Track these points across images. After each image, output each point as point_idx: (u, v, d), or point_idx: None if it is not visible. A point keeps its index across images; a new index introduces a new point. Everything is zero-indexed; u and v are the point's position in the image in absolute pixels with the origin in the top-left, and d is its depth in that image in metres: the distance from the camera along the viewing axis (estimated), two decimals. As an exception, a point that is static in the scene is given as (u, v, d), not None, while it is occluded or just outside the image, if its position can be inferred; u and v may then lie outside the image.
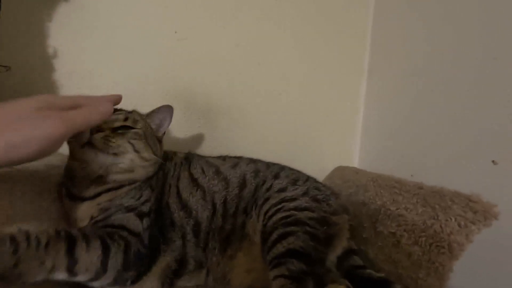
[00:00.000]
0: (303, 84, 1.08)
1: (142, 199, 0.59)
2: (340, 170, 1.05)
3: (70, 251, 0.42)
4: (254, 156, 0.88)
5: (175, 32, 0.91)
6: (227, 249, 0.60)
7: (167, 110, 0.72)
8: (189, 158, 0.75)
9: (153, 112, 0.72)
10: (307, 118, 1.10)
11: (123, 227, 0.52)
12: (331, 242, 0.63)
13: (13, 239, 0.39)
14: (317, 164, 1.08)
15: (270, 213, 0.61)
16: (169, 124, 0.73)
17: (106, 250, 0.45)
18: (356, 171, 1.00)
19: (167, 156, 0.74)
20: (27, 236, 0.40)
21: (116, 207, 0.56)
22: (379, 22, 1.12)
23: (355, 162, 1.18)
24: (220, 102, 0.99)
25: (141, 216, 0.56)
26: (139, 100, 0.90)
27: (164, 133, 0.73)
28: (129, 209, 0.56)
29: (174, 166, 0.72)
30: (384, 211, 0.74)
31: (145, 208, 0.57)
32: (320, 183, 0.81)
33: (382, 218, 0.74)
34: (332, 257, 0.65)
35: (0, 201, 0.46)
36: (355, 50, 1.12)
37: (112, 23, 0.87)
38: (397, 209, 0.72)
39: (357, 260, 0.67)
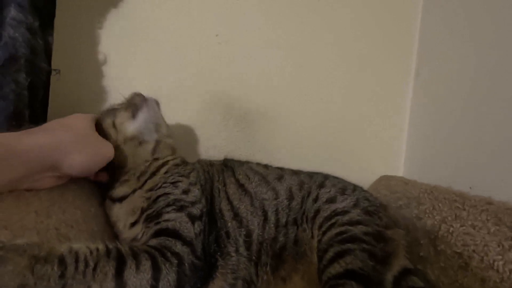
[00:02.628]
0: (346, 89, 1.03)
1: (191, 197, 0.57)
2: (386, 180, 0.98)
3: (119, 274, 0.40)
4: (294, 162, 0.86)
5: (216, 35, 0.90)
6: (279, 268, 0.56)
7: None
8: (229, 164, 0.74)
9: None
10: (349, 124, 1.04)
11: (175, 233, 0.50)
12: (389, 260, 0.58)
13: (61, 261, 0.38)
14: (359, 172, 1.02)
15: (324, 228, 0.58)
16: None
17: (156, 272, 0.43)
18: (405, 181, 0.92)
19: (205, 163, 0.73)
20: (76, 258, 0.39)
21: (163, 199, 0.55)
22: (428, 22, 1.04)
23: (399, 171, 1.09)
24: (260, 106, 0.96)
25: (192, 219, 0.54)
26: (179, 104, 0.90)
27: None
28: (178, 207, 0.54)
29: (216, 171, 0.70)
30: (446, 228, 0.67)
31: (196, 211, 0.55)
32: (368, 192, 0.76)
33: (443, 235, 0.67)
34: (389, 276, 0.59)
35: (52, 206, 0.45)
36: (402, 52, 1.05)
37: (156, 29, 0.87)
38: (461, 226, 0.65)
39: (416, 282, 0.61)
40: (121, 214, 0.57)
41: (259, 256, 0.57)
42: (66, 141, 0.48)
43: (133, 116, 0.62)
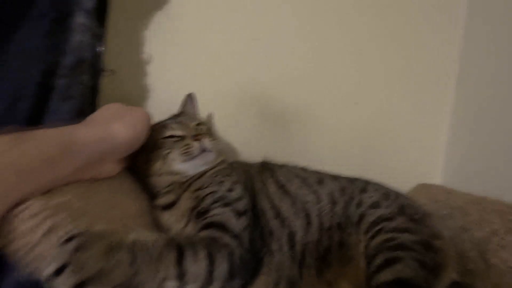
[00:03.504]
0: (382, 92, 1.01)
1: (234, 194, 0.59)
2: (426, 188, 0.95)
3: (180, 262, 0.43)
4: (330, 165, 0.85)
5: (253, 39, 0.92)
6: (324, 271, 0.56)
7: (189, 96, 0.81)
8: (268, 166, 0.75)
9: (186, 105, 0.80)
10: (384, 129, 1.02)
11: (223, 226, 0.52)
12: (439, 271, 0.56)
13: (132, 249, 0.40)
14: (396, 179, 0.99)
15: (371, 233, 0.57)
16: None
17: (211, 261, 0.45)
18: (447, 190, 0.89)
19: (243, 164, 0.75)
20: (143, 247, 0.41)
21: (211, 196, 0.58)
22: (472, 26, 1.01)
23: (437, 179, 1.05)
24: (296, 108, 0.96)
25: (237, 213, 0.55)
26: (217, 106, 0.92)
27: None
28: (224, 203, 0.56)
29: (255, 172, 0.71)
30: (497, 241, 0.64)
31: (240, 206, 0.57)
32: (411, 199, 0.74)
33: (495, 248, 0.64)
34: (438, 288, 0.57)
35: (114, 197, 0.48)
36: (444, 56, 1.02)
37: (195, 31, 0.91)
38: (516, 239, 0.61)
39: (467, 297, 0.58)
40: (172, 221, 0.59)
41: (303, 257, 0.57)
42: (111, 125, 0.51)
43: (186, 161, 0.63)
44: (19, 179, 0.37)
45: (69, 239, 0.37)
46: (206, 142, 0.64)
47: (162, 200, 0.62)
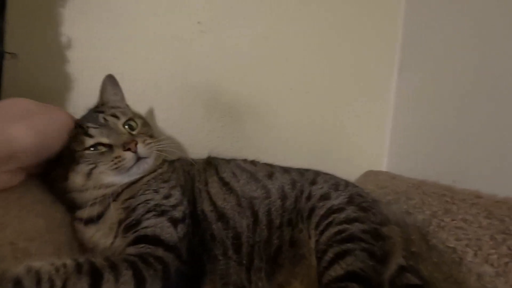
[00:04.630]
0: (331, 82, 1.01)
1: (172, 200, 0.53)
2: (373, 175, 0.98)
3: None
4: (280, 157, 0.83)
5: (198, 23, 0.83)
6: (276, 273, 0.53)
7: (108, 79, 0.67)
8: (212, 162, 0.69)
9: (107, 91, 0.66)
10: (333, 118, 1.03)
11: (157, 239, 0.46)
12: (387, 259, 0.56)
13: (18, 283, 0.31)
14: (344, 167, 1.00)
15: (321, 227, 0.55)
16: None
17: (139, 283, 0.38)
18: (392, 176, 0.92)
19: (186, 162, 0.67)
20: (38, 279, 0.32)
21: (143, 206, 0.50)
22: (411, 15, 1.05)
23: (383, 165, 1.10)
24: (245, 100, 0.91)
25: (174, 222, 0.49)
26: (157, 96, 0.82)
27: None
28: (159, 212, 0.50)
29: (197, 171, 0.65)
30: (437, 222, 0.67)
31: (178, 213, 0.51)
32: (360, 188, 0.74)
33: (434, 230, 0.66)
34: (386, 275, 0.57)
35: (7, 215, 0.37)
36: (385, 44, 1.05)
37: (131, 9, 0.79)
38: (452, 220, 0.64)
39: (411, 279, 0.60)
40: (98, 237, 0.50)
41: (250, 260, 0.53)
42: (9, 127, 0.40)
43: (117, 174, 0.53)
44: None
45: None
46: (141, 149, 0.54)
47: (86, 213, 0.51)
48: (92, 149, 0.53)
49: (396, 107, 1.08)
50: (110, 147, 0.53)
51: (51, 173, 0.51)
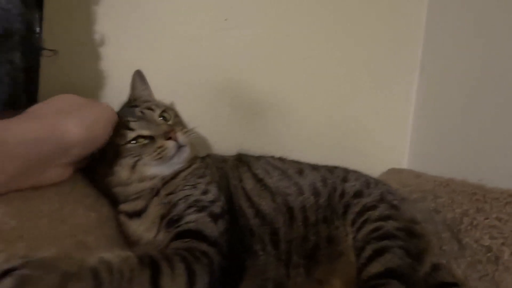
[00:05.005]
0: (353, 80, 1.00)
1: (210, 196, 0.54)
2: (396, 173, 0.97)
3: (155, 281, 0.36)
4: (303, 153, 0.83)
5: (225, 20, 0.83)
6: (314, 269, 0.53)
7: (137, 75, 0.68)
8: (243, 159, 0.70)
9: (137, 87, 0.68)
10: (354, 115, 1.02)
11: (200, 234, 0.46)
12: (422, 257, 0.56)
13: (96, 275, 0.32)
14: (364, 164, 1.00)
15: (357, 224, 0.56)
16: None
17: (192, 275, 0.39)
18: (416, 174, 0.91)
19: (217, 159, 0.68)
20: (110, 269, 0.33)
21: (183, 201, 0.51)
22: (434, 15, 1.04)
23: (403, 163, 1.09)
24: (268, 97, 0.91)
25: (214, 217, 0.50)
26: (184, 93, 0.83)
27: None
28: (199, 207, 0.50)
29: (230, 168, 0.65)
30: (469, 221, 0.66)
31: (217, 209, 0.52)
32: (389, 185, 0.74)
33: (467, 228, 0.66)
34: (421, 273, 0.57)
35: (64, 208, 0.38)
36: (408, 44, 1.04)
37: (161, 7, 0.79)
38: (485, 219, 0.64)
39: (445, 276, 0.60)
40: (141, 231, 0.51)
41: (289, 256, 0.53)
42: (60, 121, 0.41)
43: (161, 164, 0.54)
44: None
45: (3, 275, 0.27)
46: (181, 137, 0.55)
47: (129, 207, 0.53)
48: (133, 142, 0.54)
49: (418, 104, 1.07)
50: (151, 138, 0.54)
51: (96, 168, 0.52)
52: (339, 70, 0.97)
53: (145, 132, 0.55)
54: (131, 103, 0.64)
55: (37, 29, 0.51)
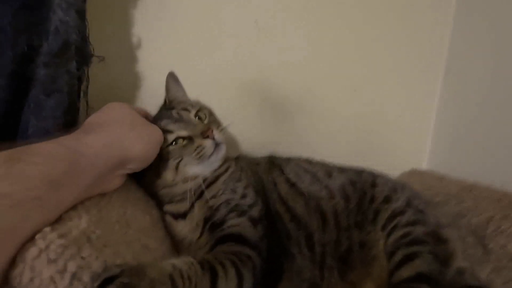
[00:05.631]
0: (378, 81, 1.01)
1: (248, 200, 0.56)
2: (417, 175, 0.98)
3: (214, 285, 0.40)
4: (326, 152, 0.86)
5: (255, 21, 0.84)
6: (348, 272, 0.56)
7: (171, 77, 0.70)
8: (275, 162, 0.72)
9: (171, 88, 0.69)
10: (378, 116, 1.03)
11: (242, 238, 0.49)
12: (449, 262, 0.58)
13: (173, 281, 0.36)
14: (385, 163, 1.02)
15: (387, 229, 0.58)
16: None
17: (240, 278, 0.43)
18: (438, 177, 0.92)
19: (251, 162, 0.70)
20: (182, 275, 0.37)
21: (225, 206, 0.54)
22: (461, 17, 1.02)
23: (423, 165, 1.10)
24: (296, 97, 0.93)
25: (254, 222, 0.53)
26: (215, 94, 0.85)
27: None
28: (240, 212, 0.53)
29: (264, 171, 0.68)
30: (494, 227, 0.68)
31: (255, 213, 0.54)
32: (413, 190, 0.76)
33: (492, 234, 0.67)
34: (448, 277, 0.59)
35: (126, 213, 0.42)
36: (434, 45, 1.03)
37: (194, 11, 0.81)
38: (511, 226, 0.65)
39: (470, 280, 0.61)
40: (186, 231, 0.55)
41: (323, 259, 0.56)
42: (124, 135, 0.44)
43: (201, 163, 0.57)
44: (19, 212, 0.28)
45: (104, 284, 0.30)
46: (217, 135, 0.57)
47: (175, 208, 0.57)
48: (174, 143, 0.56)
49: (440, 105, 1.07)
50: (189, 138, 0.57)
51: (144, 172, 0.55)
52: (366, 72, 0.98)
53: (183, 133, 0.57)
54: (167, 106, 0.66)
55: (87, 37, 0.53)
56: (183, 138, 0.57)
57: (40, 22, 0.45)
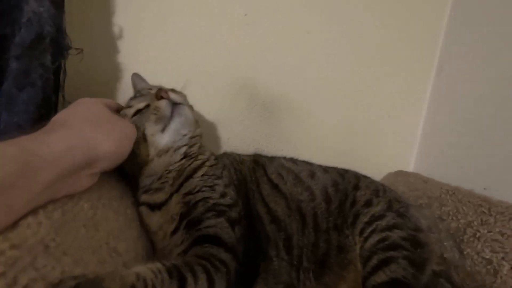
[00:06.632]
0: (368, 81, 1.00)
1: (228, 200, 0.56)
2: (403, 176, 0.99)
3: None
4: (312, 152, 0.87)
5: (245, 15, 0.82)
6: (324, 274, 0.56)
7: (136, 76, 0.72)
8: (260, 161, 0.71)
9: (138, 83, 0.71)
10: (367, 117, 1.03)
11: (218, 239, 0.49)
12: (425, 266, 0.59)
13: None
14: (371, 164, 1.03)
15: (365, 234, 0.58)
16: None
17: (211, 284, 0.43)
18: (423, 179, 0.93)
19: (235, 160, 0.70)
20: (146, 285, 0.36)
21: (203, 204, 0.53)
22: (455, 16, 1.01)
23: (410, 166, 1.11)
24: (285, 96, 0.92)
25: (232, 223, 0.52)
26: (200, 87, 0.84)
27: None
28: (218, 212, 0.53)
29: (248, 170, 0.67)
30: (472, 232, 0.69)
31: (234, 214, 0.54)
32: (396, 192, 0.76)
33: (469, 239, 0.68)
34: (423, 281, 0.60)
35: (96, 215, 0.41)
36: (426, 46, 1.02)
37: (179, 2, 0.79)
38: (488, 232, 0.66)
39: (444, 284, 0.63)
40: (161, 224, 0.54)
41: (300, 261, 0.57)
42: (90, 133, 0.42)
43: (164, 129, 0.57)
44: None
45: None
46: (172, 95, 0.58)
47: (152, 199, 0.56)
48: (136, 116, 0.57)
49: (430, 109, 1.06)
50: (147, 106, 0.58)
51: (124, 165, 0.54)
52: (355, 71, 0.97)
53: (141, 105, 0.58)
54: (134, 95, 0.67)
55: (64, 29, 0.51)
56: (143, 109, 0.58)
57: (13, 12, 0.43)
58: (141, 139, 0.56)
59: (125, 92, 0.75)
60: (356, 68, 0.96)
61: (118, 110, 0.58)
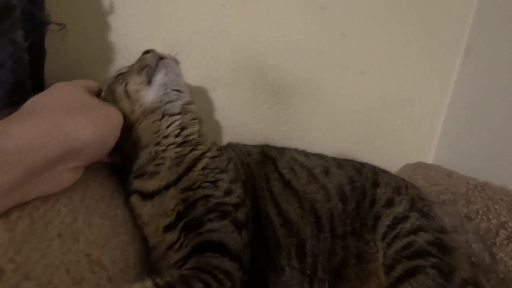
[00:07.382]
0: (389, 63, 0.90)
1: (234, 198, 0.48)
2: (423, 169, 0.91)
3: None
4: (325, 141, 0.81)
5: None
6: (340, 287, 0.50)
7: None
8: (269, 154, 0.63)
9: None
10: (387, 103, 0.94)
11: (223, 247, 0.43)
12: (453, 275, 0.52)
13: None
14: (388, 154, 0.96)
15: (387, 239, 0.52)
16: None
17: None
18: (446, 173, 0.85)
19: (241, 152, 0.62)
20: None
21: (203, 203, 0.46)
22: (480, 15, 0.90)
23: (429, 157, 1.03)
24: (294, 78, 0.83)
25: (238, 226, 0.46)
26: (201, 70, 0.76)
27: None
28: (222, 213, 0.46)
29: (256, 163, 0.60)
30: (506, 235, 0.61)
31: (241, 216, 0.47)
32: (418, 188, 0.70)
33: (503, 242, 0.61)
34: (450, 290, 0.54)
35: (76, 221, 0.35)
36: (452, 31, 0.91)
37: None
38: (526, 235, 0.59)
39: (474, 292, 0.56)
40: (152, 215, 0.47)
41: (314, 271, 0.50)
42: (67, 120, 0.36)
43: (149, 80, 0.51)
44: None
45: None
46: (159, 51, 0.54)
47: (144, 186, 0.48)
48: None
49: (454, 97, 0.98)
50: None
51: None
52: (376, 52, 0.87)
53: (124, 69, 0.55)
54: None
55: (41, 1, 0.43)
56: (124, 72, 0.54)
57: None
58: (124, 96, 0.50)
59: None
60: (375, 48, 0.87)
61: (100, 94, 0.52)
